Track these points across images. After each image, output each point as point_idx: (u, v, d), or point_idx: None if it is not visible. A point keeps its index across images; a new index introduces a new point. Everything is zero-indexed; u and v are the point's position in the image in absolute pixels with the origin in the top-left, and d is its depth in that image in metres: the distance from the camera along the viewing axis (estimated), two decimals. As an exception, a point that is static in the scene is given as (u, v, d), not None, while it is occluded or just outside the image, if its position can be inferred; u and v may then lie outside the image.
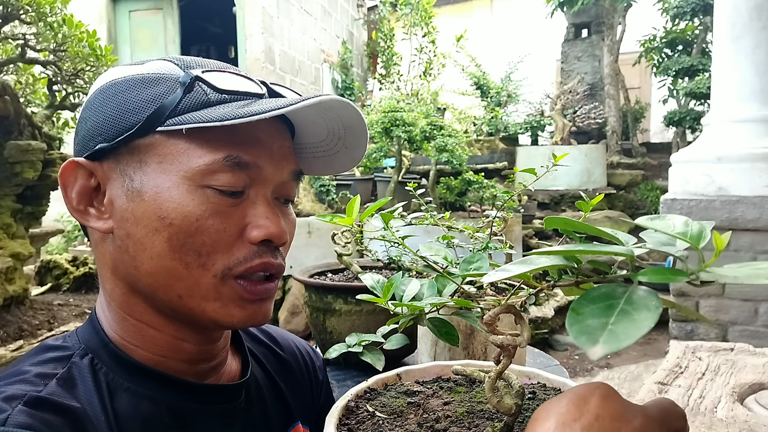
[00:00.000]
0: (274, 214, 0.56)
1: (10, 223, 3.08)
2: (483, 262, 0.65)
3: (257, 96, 0.56)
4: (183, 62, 0.58)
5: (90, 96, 0.58)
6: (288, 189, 0.60)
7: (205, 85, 0.54)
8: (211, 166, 0.53)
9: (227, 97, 0.54)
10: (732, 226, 3.30)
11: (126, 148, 0.54)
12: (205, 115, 0.52)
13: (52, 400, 0.49)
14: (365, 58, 10.59)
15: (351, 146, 0.63)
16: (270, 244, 0.56)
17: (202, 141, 0.53)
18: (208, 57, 6.45)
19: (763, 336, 3.26)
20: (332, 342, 1.50)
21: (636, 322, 0.31)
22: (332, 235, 1.39)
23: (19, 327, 3.02)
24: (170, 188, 0.53)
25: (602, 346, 0.30)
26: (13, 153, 2.85)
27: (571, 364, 3.77)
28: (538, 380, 0.65)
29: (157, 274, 0.54)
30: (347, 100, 0.56)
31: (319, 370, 0.81)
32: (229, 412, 0.62)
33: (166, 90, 0.54)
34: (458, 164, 4.27)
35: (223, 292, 0.55)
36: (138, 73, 0.56)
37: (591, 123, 8.03)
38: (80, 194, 0.57)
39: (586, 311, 0.34)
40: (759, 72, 3.47)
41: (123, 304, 0.58)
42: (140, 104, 0.54)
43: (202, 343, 0.60)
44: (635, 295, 0.34)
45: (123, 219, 0.54)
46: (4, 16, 2.76)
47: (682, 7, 7.58)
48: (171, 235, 0.53)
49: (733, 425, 1.33)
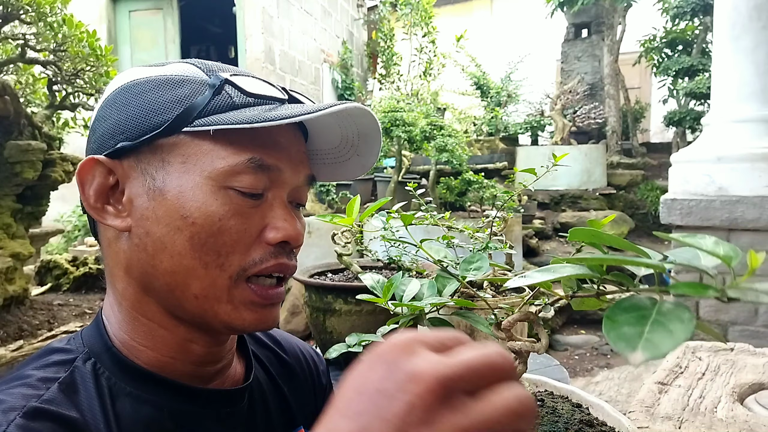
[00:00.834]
0: (291, 217, 0.58)
1: (10, 223, 3.08)
2: (483, 262, 0.65)
3: (280, 101, 0.57)
4: (205, 66, 0.59)
5: (110, 94, 0.59)
6: (301, 193, 0.62)
7: (233, 88, 0.55)
8: (235, 168, 0.54)
9: (252, 101, 0.56)
10: (732, 226, 3.30)
11: (148, 147, 0.55)
12: (233, 117, 0.53)
13: (50, 411, 0.49)
14: (365, 58, 10.59)
15: (363, 154, 0.64)
16: (286, 246, 0.58)
17: (226, 143, 0.54)
18: (208, 57, 6.54)
19: (763, 336, 3.26)
20: (332, 342, 1.50)
21: (672, 333, 0.33)
22: (332, 235, 1.39)
23: (19, 327, 3.02)
24: (193, 188, 0.54)
25: (642, 353, 0.32)
26: (13, 153, 2.85)
27: (571, 364, 3.77)
28: (545, 388, 0.65)
29: (175, 273, 0.54)
30: (368, 109, 0.57)
31: (323, 375, 0.81)
32: (231, 417, 0.62)
33: (193, 91, 0.55)
34: (458, 164, 4.27)
35: (235, 295, 0.55)
36: (162, 74, 0.57)
37: (591, 123, 8.03)
38: (98, 192, 0.57)
39: (620, 319, 0.35)
40: (759, 72, 3.47)
41: (135, 304, 0.58)
42: (166, 104, 0.54)
43: (211, 345, 0.60)
44: (664, 307, 0.35)
45: (143, 217, 0.55)
46: (4, 16, 2.76)
47: (682, 7, 7.58)
48: (193, 234, 0.53)
49: (733, 425, 1.33)
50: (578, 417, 0.57)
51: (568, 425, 0.55)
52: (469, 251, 0.89)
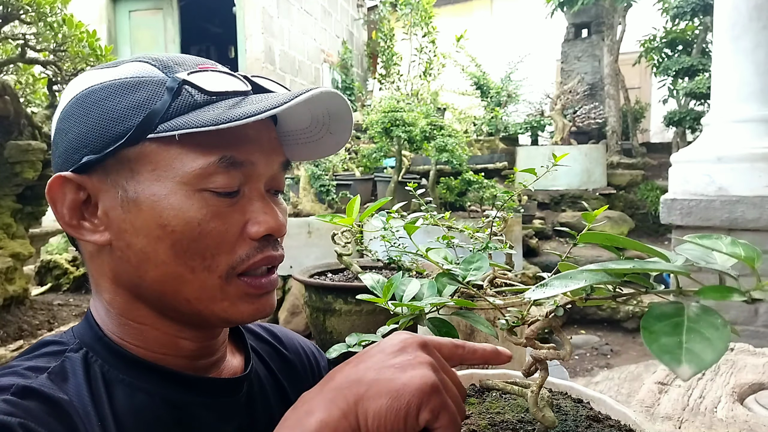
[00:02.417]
0: (271, 208, 0.57)
1: (10, 223, 3.08)
2: (483, 262, 0.65)
3: (243, 93, 0.55)
4: (160, 62, 0.56)
5: (66, 106, 0.56)
6: (278, 180, 0.61)
7: (193, 88, 0.53)
8: (207, 170, 0.52)
9: (214, 98, 0.54)
10: (732, 226, 3.30)
11: (115, 158, 0.53)
12: (196, 118, 0.51)
13: (39, 390, 0.49)
14: (365, 58, 10.59)
15: (335, 132, 0.63)
16: (270, 238, 0.57)
17: (193, 145, 0.52)
18: (208, 57, 6.44)
19: (763, 336, 3.26)
20: (332, 342, 1.50)
21: (710, 342, 0.32)
22: (332, 235, 1.39)
23: (19, 327, 3.02)
24: (168, 195, 0.52)
25: (688, 367, 0.31)
26: (13, 153, 2.85)
27: (570, 364, 3.77)
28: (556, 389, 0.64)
29: (163, 281, 0.54)
30: (334, 91, 0.56)
31: (324, 370, 0.81)
32: (227, 407, 0.61)
33: (151, 95, 0.53)
34: (458, 164, 4.27)
35: (230, 291, 0.55)
36: (116, 77, 0.54)
37: (591, 123, 8.03)
38: (71, 209, 0.55)
39: (657, 329, 0.34)
40: (759, 72, 3.47)
41: (124, 311, 0.57)
42: (126, 112, 0.52)
43: (202, 340, 0.60)
44: (692, 313, 0.34)
45: (121, 230, 0.54)
46: (4, 16, 2.76)
47: (682, 7, 7.58)
48: (174, 241, 0.52)
49: (733, 425, 1.33)
50: (583, 413, 0.56)
51: (576, 422, 0.54)
52: (469, 251, 0.89)
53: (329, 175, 4.94)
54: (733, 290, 0.35)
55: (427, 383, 0.42)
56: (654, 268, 0.37)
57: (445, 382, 0.45)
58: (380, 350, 0.46)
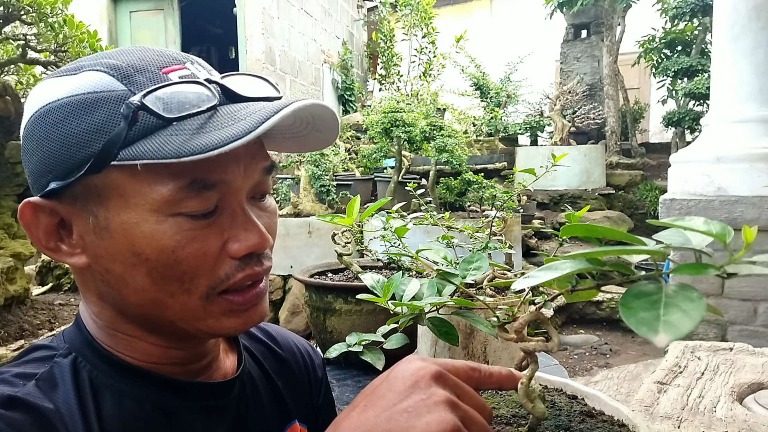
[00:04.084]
0: (252, 223, 0.53)
1: (11, 223, 3.09)
2: (482, 262, 0.66)
3: (210, 109, 0.50)
4: (119, 71, 0.51)
5: (27, 123, 0.53)
6: (262, 186, 0.57)
7: (149, 113, 0.48)
8: (177, 195, 0.49)
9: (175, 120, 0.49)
10: (731, 226, 3.30)
11: (81, 185, 0.50)
12: (159, 146, 0.47)
13: (24, 400, 0.48)
14: (365, 59, 10.60)
15: (321, 130, 0.60)
16: (254, 254, 0.54)
17: (161, 168, 0.48)
18: (208, 58, 6.39)
19: (762, 336, 3.27)
20: (332, 341, 1.51)
21: (687, 313, 0.34)
22: (332, 235, 1.39)
23: (20, 327, 3.03)
24: (138, 223, 0.50)
25: (664, 335, 0.32)
26: (13, 153, 2.86)
27: (570, 364, 3.78)
28: (539, 382, 0.65)
29: (144, 305, 0.53)
30: (313, 101, 0.52)
31: (318, 369, 0.80)
32: (217, 409, 0.61)
33: (108, 117, 0.49)
34: (458, 164, 4.27)
35: (212, 310, 0.53)
36: (73, 93, 0.50)
37: (590, 123, 8.04)
38: (47, 233, 0.53)
39: (635, 305, 0.36)
40: (758, 72, 3.47)
41: (112, 324, 0.57)
42: (85, 136, 0.49)
43: (193, 347, 0.60)
44: (670, 290, 0.36)
45: (97, 255, 0.52)
46: (5, 17, 2.77)
47: (681, 7, 7.59)
48: (150, 269, 0.50)
49: (733, 425, 1.33)
50: (577, 408, 0.57)
51: (570, 417, 0.55)
52: (469, 251, 0.90)
53: (329, 175, 4.95)
54: (708, 266, 0.37)
55: (447, 430, 0.39)
56: (632, 250, 0.38)
57: (467, 416, 0.42)
58: (390, 389, 0.43)
